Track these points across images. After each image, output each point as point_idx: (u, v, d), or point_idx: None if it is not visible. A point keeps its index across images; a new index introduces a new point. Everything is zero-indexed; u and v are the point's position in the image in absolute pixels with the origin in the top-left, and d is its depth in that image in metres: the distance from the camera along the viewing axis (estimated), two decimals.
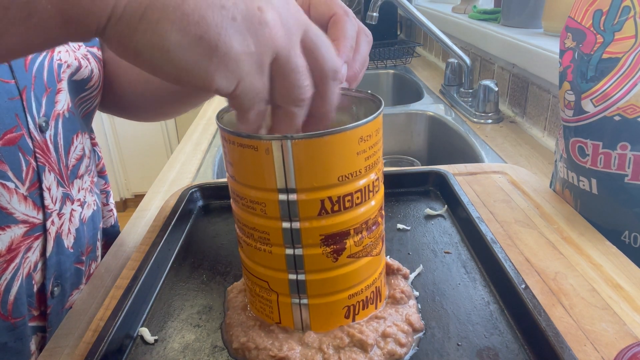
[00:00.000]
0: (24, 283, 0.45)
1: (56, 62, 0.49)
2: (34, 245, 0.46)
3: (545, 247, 0.48)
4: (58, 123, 0.49)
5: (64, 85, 0.50)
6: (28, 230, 0.45)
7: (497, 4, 1.32)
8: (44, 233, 0.47)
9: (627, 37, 0.45)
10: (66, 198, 0.50)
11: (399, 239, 0.51)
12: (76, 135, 0.52)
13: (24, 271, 0.45)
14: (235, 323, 0.39)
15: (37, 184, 0.45)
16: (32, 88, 0.45)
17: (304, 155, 0.31)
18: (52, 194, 0.47)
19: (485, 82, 1.00)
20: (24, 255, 0.45)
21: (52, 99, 0.48)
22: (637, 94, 0.45)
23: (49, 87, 0.47)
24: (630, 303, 0.40)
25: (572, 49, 0.51)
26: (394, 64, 1.57)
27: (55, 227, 0.48)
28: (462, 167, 0.66)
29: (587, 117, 0.49)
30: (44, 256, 0.47)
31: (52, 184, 0.47)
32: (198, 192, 0.61)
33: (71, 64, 0.51)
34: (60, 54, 0.50)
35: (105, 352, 0.35)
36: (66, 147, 0.50)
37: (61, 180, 0.49)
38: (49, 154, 0.47)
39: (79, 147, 0.53)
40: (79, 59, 0.52)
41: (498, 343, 0.36)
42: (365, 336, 0.35)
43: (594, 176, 0.50)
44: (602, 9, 0.47)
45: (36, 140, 0.45)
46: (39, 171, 0.45)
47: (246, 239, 0.36)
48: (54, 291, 0.49)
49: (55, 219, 0.48)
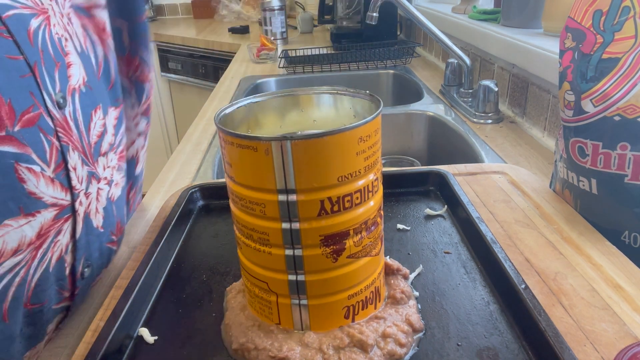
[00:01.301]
0: (52, 268, 0.44)
1: (55, 36, 0.46)
2: (64, 227, 0.44)
3: (545, 247, 0.48)
4: (75, 98, 0.46)
5: (72, 59, 0.47)
6: (58, 213, 0.43)
7: (497, 4, 1.32)
8: (73, 214, 0.45)
9: (627, 37, 0.45)
10: (92, 177, 0.48)
11: (398, 239, 0.51)
12: (94, 111, 0.50)
13: (54, 255, 0.44)
14: (235, 323, 0.39)
15: (63, 164, 0.44)
16: (42, 63, 0.43)
17: (303, 156, 0.31)
18: (78, 173, 0.46)
19: (485, 82, 1.00)
20: (53, 240, 0.43)
21: (64, 74, 0.45)
22: (637, 94, 0.45)
23: (57, 61, 0.45)
24: (630, 303, 0.40)
25: (572, 49, 0.51)
26: (394, 64, 1.57)
27: (83, 207, 0.47)
28: (462, 167, 0.66)
29: (587, 117, 0.49)
30: (74, 237, 0.46)
31: (77, 163, 0.46)
32: (198, 192, 0.61)
33: (67, 38, 0.48)
34: (56, 27, 0.46)
35: (105, 352, 0.35)
36: (86, 123, 0.48)
37: (85, 159, 0.47)
38: (71, 132, 0.45)
39: (99, 124, 0.50)
40: (66, 29, 0.49)
41: (498, 343, 0.36)
42: (365, 336, 0.35)
43: (594, 176, 0.50)
44: (602, 9, 0.47)
45: (56, 118, 0.43)
46: (62, 151, 0.43)
47: (245, 240, 0.36)
48: (84, 272, 0.48)
49: (82, 199, 0.46)
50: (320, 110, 0.41)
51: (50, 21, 0.45)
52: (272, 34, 2.13)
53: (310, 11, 2.51)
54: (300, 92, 0.41)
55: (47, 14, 0.45)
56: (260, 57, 1.75)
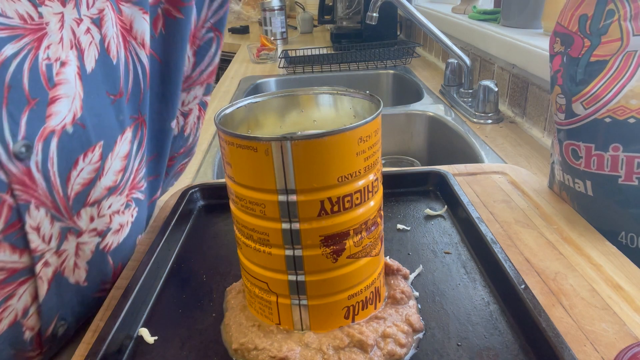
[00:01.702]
0: (2, 335, 0.37)
1: (43, 63, 0.37)
2: (18, 291, 0.38)
3: (545, 247, 0.48)
4: (50, 144, 0.38)
5: (64, 90, 0.39)
6: (5, 277, 0.37)
7: (497, 4, 1.32)
8: (34, 277, 0.39)
9: (613, 40, 0.46)
10: (67, 232, 0.41)
11: (398, 239, 0.51)
12: (84, 155, 0.41)
13: (5, 322, 0.37)
14: (235, 323, 0.39)
15: (18, 224, 0.37)
16: (3, 104, 0.35)
17: (303, 156, 0.31)
18: (44, 231, 0.39)
19: (485, 83, 1.00)
20: (0, 305, 0.37)
21: (40, 114, 0.37)
22: (627, 95, 0.46)
23: (32, 98, 0.36)
24: (630, 303, 0.40)
25: (561, 53, 0.51)
26: (394, 64, 1.57)
27: (51, 267, 0.40)
28: (462, 168, 0.66)
29: (579, 120, 0.49)
30: (37, 300, 0.39)
31: (42, 221, 0.38)
32: (198, 192, 0.61)
33: (67, 60, 0.39)
34: (50, 50, 0.38)
35: (105, 352, 0.35)
36: (64, 173, 0.39)
37: (57, 214, 0.40)
38: (35, 186, 0.37)
39: (89, 169, 0.42)
40: (79, 43, 0.40)
41: (498, 343, 0.36)
42: (365, 336, 0.35)
43: (588, 178, 0.50)
44: (587, 14, 0.47)
45: (11, 173, 0.35)
46: (19, 209, 0.36)
47: (245, 240, 0.36)
48: (57, 332, 0.42)
49: (51, 259, 0.40)
50: (320, 110, 0.41)
51: (42, 43, 0.37)
52: (272, 34, 2.13)
53: (310, 11, 2.51)
54: (300, 92, 0.41)
55: (38, 33, 0.37)
56: (260, 57, 1.75)
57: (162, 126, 0.55)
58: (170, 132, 0.56)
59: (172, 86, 0.54)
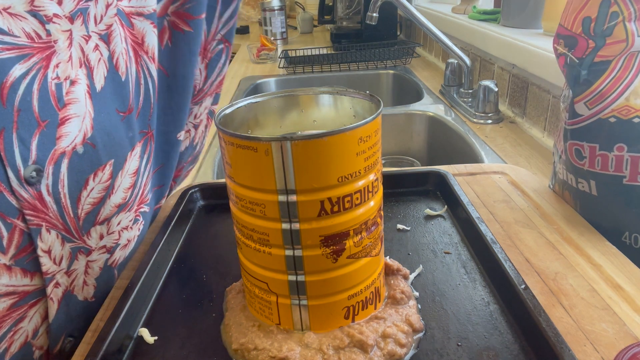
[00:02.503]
0: (14, 357, 0.37)
1: (52, 82, 0.36)
2: (28, 313, 0.37)
3: (545, 247, 0.48)
4: (61, 166, 0.37)
5: (74, 110, 0.37)
6: (17, 301, 0.36)
7: (497, 4, 1.32)
8: (44, 298, 0.38)
9: (618, 41, 0.46)
10: (77, 252, 0.40)
11: (398, 239, 0.51)
12: (94, 174, 0.40)
13: (15, 344, 0.37)
14: (234, 324, 0.39)
15: (30, 248, 0.36)
16: (14, 128, 0.33)
17: (303, 156, 0.31)
18: (54, 254, 0.38)
19: (485, 83, 1.00)
20: (11, 329, 0.36)
21: (50, 136, 0.36)
22: (631, 94, 0.46)
23: (43, 120, 0.35)
24: (630, 303, 0.40)
25: (564, 54, 0.51)
26: (394, 64, 1.57)
27: (61, 288, 0.39)
28: (462, 168, 0.66)
29: (582, 120, 0.49)
30: (46, 320, 0.39)
31: (53, 244, 0.37)
32: (198, 193, 0.61)
33: (77, 79, 0.38)
34: (59, 68, 0.36)
35: (105, 352, 0.35)
36: (74, 194, 0.38)
37: (68, 235, 0.39)
38: (46, 210, 0.36)
39: (99, 188, 0.41)
40: (87, 61, 0.39)
41: (498, 343, 0.36)
42: (365, 337, 0.35)
43: (592, 178, 0.50)
44: (591, 16, 0.47)
45: (23, 198, 0.35)
46: (30, 234, 0.36)
47: (245, 240, 0.36)
48: (64, 348, 0.41)
49: (61, 279, 0.39)
50: (320, 110, 0.41)
51: (51, 61, 0.36)
52: (272, 34, 2.13)
53: (310, 11, 2.51)
54: (300, 93, 0.41)
55: (47, 51, 0.36)
56: (260, 58, 1.75)
57: (168, 138, 0.54)
58: (177, 144, 0.56)
59: (180, 99, 0.53)
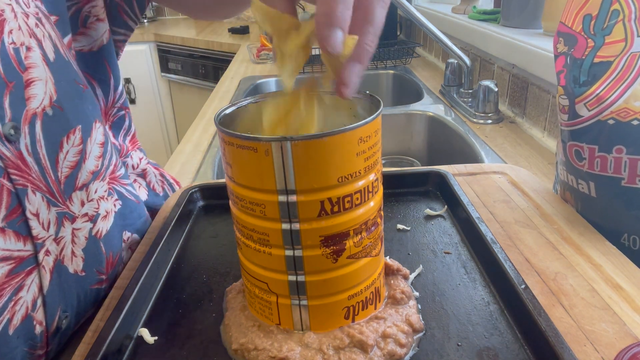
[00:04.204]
0: (14, 330, 0.37)
1: (10, 47, 0.37)
2: (26, 282, 0.38)
3: (545, 247, 0.48)
4: (35, 126, 0.38)
5: (36, 73, 0.39)
6: (14, 267, 0.37)
7: (496, 4, 1.32)
8: (37, 266, 0.39)
9: (617, 41, 0.46)
10: (63, 218, 0.41)
11: (398, 239, 0.51)
12: (66, 137, 0.42)
13: (17, 314, 0.37)
14: (235, 324, 0.39)
15: (19, 209, 0.37)
16: None
17: (303, 157, 0.31)
18: (42, 218, 0.39)
19: (485, 83, 1.00)
20: (12, 298, 0.37)
21: (20, 96, 0.37)
22: (630, 97, 0.46)
23: (9, 81, 0.37)
24: (630, 303, 0.40)
25: (564, 53, 0.51)
26: (394, 64, 1.57)
27: (52, 256, 0.40)
28: (461, 168, 0.66)
29: (582, 121, 0.49)
30: (42, 291, 0.39)
31: (39, 207, 0.38)
32: (198, 193, 0.61)
33: (30, 46, 0.39)
34: (13, 34, 0.38)
35: (105, 352, 0.35)
36: (52, 155, 0.40)
37: (52, 199, 0.40)
38: (29, 170, 0.38)
39: (74, 151, 0.43)
40: (34, 33, 0.40)
41: (498, 343, 0.36)
42: (365, 337, 0.35)
43: (591, 179, 0.50)
44: (592, 14, 0.47)
45: (5, 157, 0.36)
46: (18, 194, 0.37)
47: (245, 240, 0.36)
48: (61, 325, 0.41)
49: (51, 247, 0.40)
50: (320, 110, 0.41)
51: (4, 27, 0.37)
52: None
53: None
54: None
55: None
56: (260, 58, 1.75)
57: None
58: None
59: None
